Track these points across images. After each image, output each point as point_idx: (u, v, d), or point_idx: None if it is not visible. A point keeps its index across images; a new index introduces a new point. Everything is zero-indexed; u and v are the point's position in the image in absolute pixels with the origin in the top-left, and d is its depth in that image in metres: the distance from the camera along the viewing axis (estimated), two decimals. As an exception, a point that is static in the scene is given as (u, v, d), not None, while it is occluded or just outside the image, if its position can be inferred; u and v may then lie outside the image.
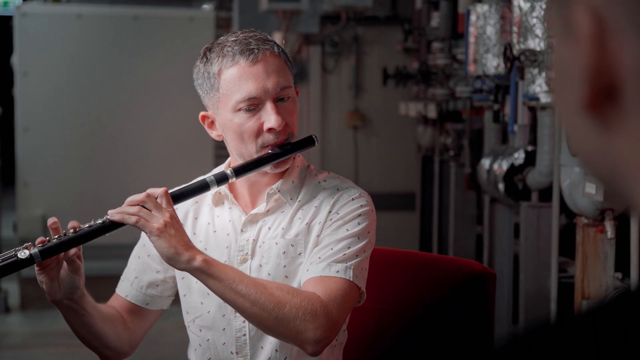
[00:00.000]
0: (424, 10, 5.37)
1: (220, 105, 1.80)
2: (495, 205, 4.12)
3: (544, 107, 3.49)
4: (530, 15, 3.50)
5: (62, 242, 1.67)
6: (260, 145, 1.78)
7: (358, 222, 1.78)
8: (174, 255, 1.65)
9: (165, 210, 1.67)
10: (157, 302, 1.93)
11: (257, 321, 1.69)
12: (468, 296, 2.03)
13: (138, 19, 6.93)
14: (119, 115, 6.63)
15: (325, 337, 1.68)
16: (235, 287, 1.66)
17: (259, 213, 1.84)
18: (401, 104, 5.48)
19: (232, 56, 1.76)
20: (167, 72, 6.73)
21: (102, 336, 1.82)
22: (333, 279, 1.73)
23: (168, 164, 6.53)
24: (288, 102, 1.80)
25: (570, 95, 0.59)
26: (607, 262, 3.00)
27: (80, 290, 1.74)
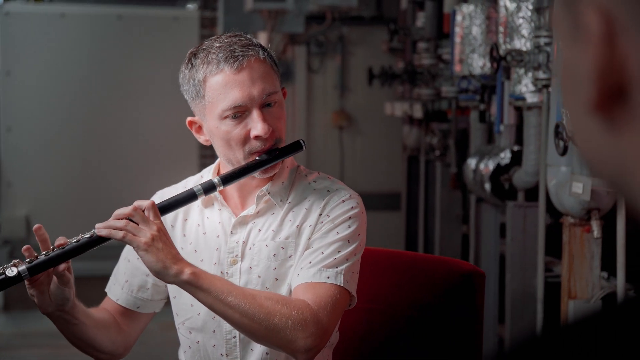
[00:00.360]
0: (409, 10, 5.37)
1: (206, 112, 1.78)
2: (481, 204, 4.13)
3: (530, 106, 3.50)
4: (517, 16, 3.50)
5: (50, 258, 1.66)
6: (248, 152, 1.77)
7: (348, 225, 1.78)
8: (162, 269, 1.64)
9: (153, 223, 1.66)
10: (148, 306, 1.92)
11: (247, 331, 1.69)
12: (458, 296, 2.03)
13: (122, 18, 6.90)
14: (102, 115, 6.60)
15: (315, 345, 1.68)
16: (224, 299, 1.65)
17: (249, 215, 1.83)
18: (387, 103, 5.48)
19: (217, 63, 1.74)
20: (151, 71, 6.71)
21: (95, 343, 1.82)
22: (323, 285, 1.72)
23: (153, 163, 6.50)
24: (274, 107, 1.78)
25: (579, 96, 0.59)
26: (594, 262, 3.01)
27: (71, 301, 1.73)
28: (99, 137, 6.51)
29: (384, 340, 2.05)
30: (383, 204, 5.83)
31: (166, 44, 6.80)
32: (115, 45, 6.75)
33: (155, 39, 6.79)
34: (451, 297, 2.03)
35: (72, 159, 6.35)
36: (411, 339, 2.04)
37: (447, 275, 2.04)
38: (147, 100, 6.70)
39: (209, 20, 6.79)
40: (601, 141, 0.58)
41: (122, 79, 6.68)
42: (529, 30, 3.48)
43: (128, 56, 6.74)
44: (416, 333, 2.04)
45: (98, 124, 6.57)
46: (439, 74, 4.68)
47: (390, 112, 5.38)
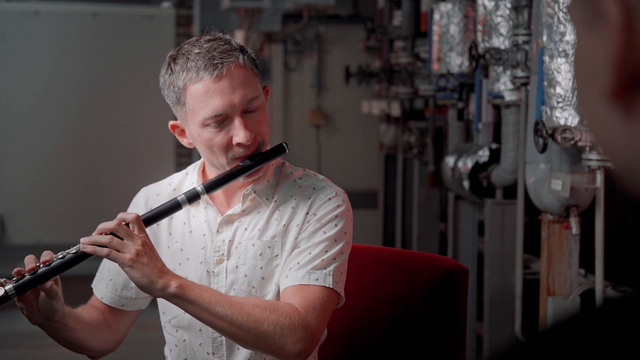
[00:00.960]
0: (386, 9, 5.39)
1: (188, 119, 1.77)
2: (459, 202, 4.15)
3: (509, 105, 3.52)
4: (495, 14, 3.53)
5: (37, 276, 1.66)
6: (231, 158, 1.76)
7: (335, 224, 1.78)
8: (148, 284, 1.64)
9: (137, 237, 1.65)
10: (133, 304, 1.92)
11: (236, 339, 1.70)
12: (442, 292, 2.04)
13: (96, 16, 6.86)
14: (77, 113, 6.56)
15: (305, 349, 1.69)
16: (212, 310, 1.65)
17: (235, 214, 1.83)
18: (364, 102, 5.49)
19: (197, 71, 1.72)
20: (126, 70, 6.68)
21: (85, 344, 1.82)
22: (311, 287, 1.73)
23: (128, 161, 6.47)
24: (257, 112, 1.77)
25: (594, 84, 0.59)
26: (572, 258, 3.04)
27: (60, 311, 1.73)
28: (73, 136, 6.46)
29: (370, 337, 2.06)
30: (360, 202, 5.84)
31: (141, 42, 6.77)
32: (90, 44, 6.71)
33: (131, 38, 6.76)
34: (436, 293, 2.04)
35: (47, 157, 6.30)
36: (396, 335, 2.05)
37: (431, 271, 2.05)
38: (121, 98, 6.66)
39: (185, 19, 6.77)
40: (617, 129, 0.58)
41: (96, 78, 6.64)
42: (507, 29, 3.50)
43: (103, 54, 6.70)
44: (401, 329, 2.05)
45: (72, 122, 6.53)
46: (417, 73, 4.70)
47: (368, 111, 5.39)
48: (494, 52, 3.40)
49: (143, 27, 6.84)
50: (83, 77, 6.61)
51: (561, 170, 2.90)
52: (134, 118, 6.67)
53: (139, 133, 6.69)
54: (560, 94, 2.85)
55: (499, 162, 3.68)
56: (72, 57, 6.65)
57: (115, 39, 6.75)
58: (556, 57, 2.85)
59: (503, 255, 3.63)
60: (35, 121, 6.32)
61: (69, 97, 6.53)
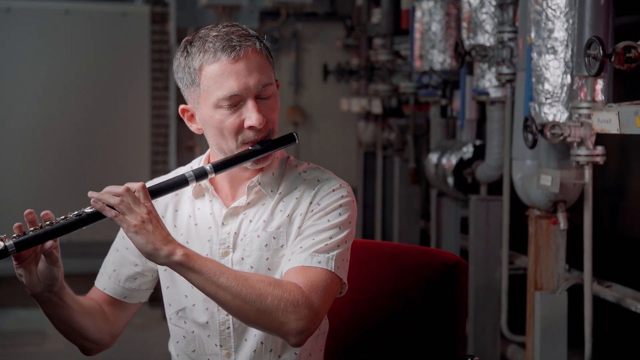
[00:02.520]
0: (364, 7, 5.40)
1: (200, 101, 1.78)
2: (441, 199, 4.17)
3: (494, 101, 3.54)
4: (480, 11, 3.55)
5: (38, 234, 1.64)
6: (241, 142, 1.77)
7: (339, 213, 1.78)
8: (153, 251, 1.63)
9: (143, 205, 1.65)
10: (135, 296, 1.91)
11: (239, 314, 1.68)
12: (441, 285, 2.04)
13: (69, 13, 6.80)
14: (49, 112, 6.51)
15: (307, 328, 1.68)
16: (216, 280, 1.64)
17: (240, 206, 1.83)
18: (343, 100, 5.49)
19: (214, 52, 1.74)
20: (99, 67, 6.63)
21: (82, 329, 1.80)
22: (315, 269, 1.72)
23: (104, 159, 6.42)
24: (269, 99, 1.78)
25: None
26: (559, 253, 3.07)
27: (60, 282, 1.72)
28: (44, 133, 6.41)
29: (369, 330, 2.06)
30: (338, 200, 5.84)
31: (115, 40, 6.72)
32: (63, 41, 6.65)
33: (104, 35, 6.71)
34: (435, 286, 2.05)
35: (19, 154, 6.24)
36: (396, 328, 2.05)
37: (431, 265, 2.06)
38: (95, 97, 6.61)
39: (160, 16, 6.73)
40: None
41: (70, 76, 6.58)
42: (492, 26, 3.52)
43: (75, 51, 6.65)
44: (401, 322, 2.05)
45: (44, 121, 6.47)
46: (397, 70, 4.71)
47: (347, 108, 5.40)
48: (479, 49, 3.42)
49: (116, 25, 6.79)
50: (56, 75, 6.55)
51: (549, 166, 2.92)
52: (108, 117, 6.62)
53: (113, 131, 6.64)
54: (549, 90, 2.87)
55: (484, 159, 3.70)
56: (44, 55, 6.59)
57: (89, 36, 6.70)
58: (544, 54, 2.88)
59: (487, 251, 3.65)
60: (7, 117, 6.25)
61: (41, 95, 6.46)
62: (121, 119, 6.66)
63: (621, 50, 2.31)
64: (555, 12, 2.84)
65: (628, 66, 2.32)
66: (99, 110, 6.61)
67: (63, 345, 4.96)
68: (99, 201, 1.64)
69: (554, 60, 2.85)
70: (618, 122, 2.34)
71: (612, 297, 3.02)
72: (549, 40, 2.86)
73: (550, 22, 2.85)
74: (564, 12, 2.83)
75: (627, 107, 2.32)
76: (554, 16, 2.85)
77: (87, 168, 6.26)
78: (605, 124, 2.41)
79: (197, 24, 6.07)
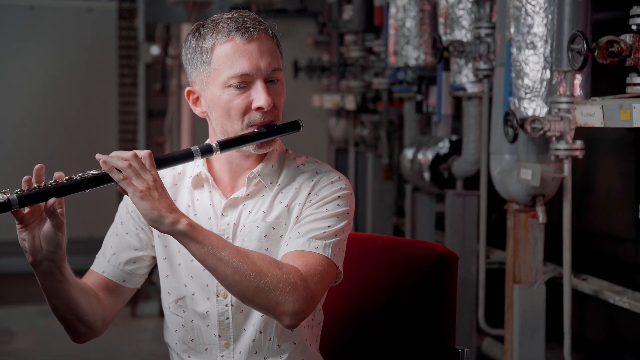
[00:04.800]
0: (335, 3, 5.41)
1: (209, 81, 1.78)
2: (416, 194, 4.20)
3: (470, 97, 3.57)
4: (457, 7, 3.58)
5: (41, 191, 1.64)
6: (247, 124, 1.78)
7: (338, 204, 1.79)
8: (158, 217, 1.63)
9: (149, 172, 1.66)
10: (133, 280, 1.90)
11: (237, 290, 1.67)
12: (432, 277, 2.06)
13: (34, 8, 6.73)
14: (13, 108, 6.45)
15: (303, 309, 1.68)
16: (217, 254, 1.65)
17: (240, 197, 1.83)
18: (315, 96, 5.50)
19: (228, 32, 1.76)
20: (65, 64, 6.57)
21: (77, 307, 1.78)
22: (312, 254, 1.73)
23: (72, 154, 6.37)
24: (277, 84, 1.80)
25: None
26: (537, 247, 3.10)
27: (62, 250, 1.70)
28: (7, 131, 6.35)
29: (361, 323, 2.07)
30: (309, 196, 5.84)
31: (81, 36, 6.67)
32: (27, 38, 6.58)
33: (69, 31, 6.65)
34: (426, 279, 2.06)
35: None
36: (387, 320, 2.06)
37: (422, 258, 2.07)
38: (61, 93, 6.55)
39: (128, 12, 6.68)
40: None
41: (34, 73, 6.52)
42: (469, 22, 3.55)
43: (41, 49, 6.58)
44: (392, 314, 2.06)
45: (8, 117, 6.41)
46: (370, 66, 4.72)
47: (319, 105, 5.41)
48: (457, 45, 3.45)
49: (82, 20, 6.73)
50: (20, 72, 6.48)
51: (529, 160, 2.95)
52: (74, 115, 6.57)
53: (80, 129, 6.59)
54: (528, 85, 2.90)
55: (460, 154, 3.73)
56: (7, 52, 6.51)
57: (53, 32, 6.63)
58: (524, 49, 2.91)
59: (464, 245, 3.68)
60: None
61: (3, 93, 6.39)
62: (88, 117, 6.61)
63: (604, 45, 2.34)
64: (534, 8, 2.87)
65: (611, 60, 2.35)
66: (65, 108, 6.56)
67: (31, 343, 4.92)
68: (107, 163, 1.64)
69: (533, 55, 2.88)
70: (602, 116, 2.37)
71: (589, 289, 3.06)
72: (528, 36, 2.89)
73: (530, 17, 2.88)
74: (543, 8, 2.86)
75: (611, 101, 2.35)
76: (534, 12, 2.88)
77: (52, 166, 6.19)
78: (588, 117, 2.44)
79: (166, 20, 6.04)
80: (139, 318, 5.26)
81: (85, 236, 6.23)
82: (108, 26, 6.70)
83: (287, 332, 1.81)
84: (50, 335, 4.92)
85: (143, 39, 6.10)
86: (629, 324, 3.94)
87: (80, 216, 6.23)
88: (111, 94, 6.63)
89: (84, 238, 6.18)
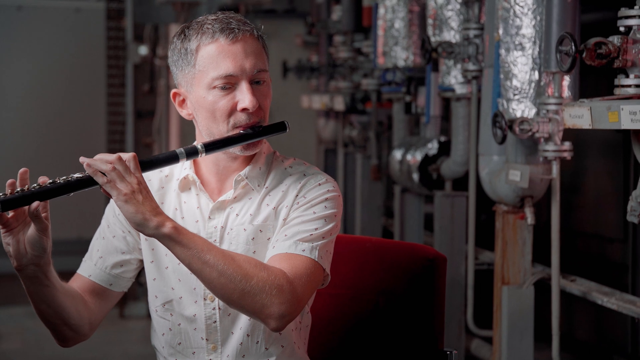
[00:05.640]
0: (324, 4, 5.40)
1: (194, 82, 1.78)
2: (405, 195, 4.19)
3: (459, 97, 3.57)
4: (446, 8, 3.57)
5: (25, 194, 1.62)
6: (232, 125, 1.77)
7: (325, 206, 1.79)
8: (142, 221, 1.62)
9: (134, 175, 1.64)
10: (120, 283, 1.89)
11: (222, 293, 1.66)
12: (421, 279, 2.05)
13: (21, 9, 6.71)
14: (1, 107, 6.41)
15: (289, 312, 1.68)
16: (203, 257, 1.64)
17: (227, 200, 1.82)
18: (303, 97, 5.49)
19: (212, 34, 1.75)
20: (53, 64, 6.54)
21: (63, 311, 1.77)
22: (299, 257, 1.72)
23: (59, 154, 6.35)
24: (263, 85, 1.79)
25: None
26: (526, 248, 3.10)
27: (47, 254, 1.69)
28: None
29: (350, 324, 2.07)
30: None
31: (69, 36, 6.64)
32: (15, 38, 6.55)
33: (57, 31, 6.62)
34: (415, 280, 2.06)
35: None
36: (376, 321, 2.06)
37: (411, 259, 2.07)
38: (50, 94, 6.53)
39: (116, 12, 6.66)
40: None
41: (22, 73, 6.49)
42: (457, 23, 3.55)
43: (28, 49, 6.55)
44: (381, 316, 2.06)
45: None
46: (359, 67, 4.72)
47: (308, 105, 5.40)
48: (446, 46, 3.45)
49: (70, 21, 6.70)
50: (8, 73, 6.45)
51: (517, 162, 2.95)
52: (62, 115, 6.54)
53: (68, 130, 6.56)
54: (517, 86, 2.90)
55: (449, 155, 3.73)
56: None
57: (41, 32, 6.61)
58: (512, 50, 2.91)
59: (452, 246, 3.68)
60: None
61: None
62: (76, 117, 6.58)
63: (592, 46, 2.34)
64: (523, 9, 2.87)
65: (599, 62, 2.35)
66: (52, 109, 6.53)
67: (19, 344, 4.90)
68: (90, 167, 1.63)
69: (522, 56, 2.88)
70: (590, 118, 2.37)
71: (577, 291, 3.06)
72: (516, 37, 2.89)
73: (518, 18, 2.88)
74: (531, 9, 2.86)
75: (599, 103, 2.35)
76: (522, 13, 2.88)
77: (40, 166, 6.16)
78: (577, 119, 2.44)
79: (155, 20, 6.03)
80: (127, 319, 5.24)
81: (73, 237, 6.21)
82: (96, 26, 6.68)
83: (274, 335, 1.81)
84: (37, 337, 4.91)
85: (131, 39, 6.08)
86: (617, 324, 3.95)
87: (69, 217, 6.21)
88: (99, 94, 6.61)
89: (72, 239, 6.15)
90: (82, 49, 6.66)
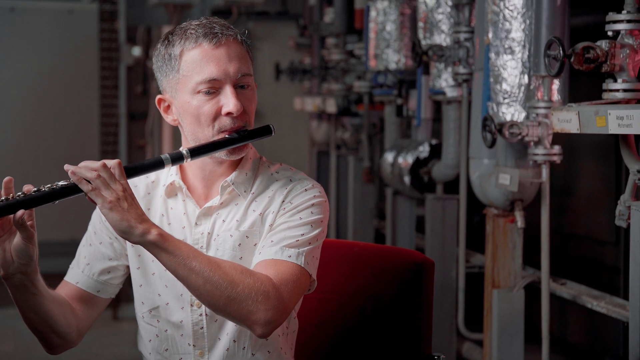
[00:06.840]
0: (317, 6, 5.40)
1: (179, 87, 1.78)
2: (397, 198, 4.20)
3: (450, 101, 3.57)
4: (436, 12, 3.58)
5: (9, 203, 1.61)
6: (217, 130, 1.77)
7: (311, 212, 1.79)
8: (127, 228, 1.61)
9: (118, 182, 1.63)
10: (108, 290, 1.89)
11: (208, 299, 1.66)
12: (409, 284, 2.06)
13: (14, 10, 6.69)
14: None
15: (275, 319, 1.67)
16: (188, 264, 1.63)
17: (213, 206, 1.82)
18: (296, 99, 5.49)
19: (195, 38, 1.76)
20: (46, 66, 6.53)
21: (51, 319, 1.77)
22: (285, 262, 1.72)
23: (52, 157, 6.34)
24: (248, 90, 1.79)
25: None
26: (516, 251, 3.10)
27: (34, 262, 1.69)
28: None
29: (338, 329, 2.07)
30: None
31: (62, 38, 6.63)
32: (8, 40, 6.54)
33: (50, 33, 6.61)
34: (403, 285, 2.06)
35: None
36: (364, 326, 2.06)
37: (399, 264, 2.07)
38: (43, 95, 6.52)
39: (109, 14, 6.65)
40: None
41: (15, 75, 6.48)
42: (448, 26, 3.55)
43: (21, 51, 6.54)
44: (369, 320, 2.06)
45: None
46: (351, 69, 4.72)
47: (300, 107, 5.40)
48: (436, 49, 3.45)
49: (63, 22, 6.69)
50: (2, 73, 6.44)
51: (507, 165, 2.96)
52: (55, 117, 6.53)
53: (61, 132, 6.55)
54: (507, 90, 2.91)
55: (440, 158, 3.73)
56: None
57: (35, 35, 6.59)
58: (502, 54, 2.91)
59: (443, 249, 3.68)
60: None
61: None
62: (69, 119, 6.57)
63: (580, 51, 2.35)
64: (512, 13, 2.88)
65: (587, 66, 2.35)
66: (45, 110, 6.52)
67: (12, 346, 4.89)
68: (75, 174, 1.62)
69: (511, 60, 2.89)
70: (578, 122, 2.37)
71: (567, 294, 3.06)
72: (506, 41, 2.90)
73: (508, 22, 2.89)
74: (521, 13, 2.86)
75: (587, 107, 2.35)
76: (511, 17, 2.88)
77: (33, 168, 6.15)
78: (565, 123, 2.45)
79: (148, 22, 6.02)
80: (120, 321, 5.23)
81: (67, 239, 6.20)
82: (89, 28, 6.67)
83: (261, 341, 1.80)
84: (30, 338, 4.87)
85: (124, 41, 6.08)
86: (609, 327, 3.96)
87: (62, 219, 6.20)
88: (92, 96, 6.61)
89: (65, 241, 6.14)
90: (75, 50, 6.65)
